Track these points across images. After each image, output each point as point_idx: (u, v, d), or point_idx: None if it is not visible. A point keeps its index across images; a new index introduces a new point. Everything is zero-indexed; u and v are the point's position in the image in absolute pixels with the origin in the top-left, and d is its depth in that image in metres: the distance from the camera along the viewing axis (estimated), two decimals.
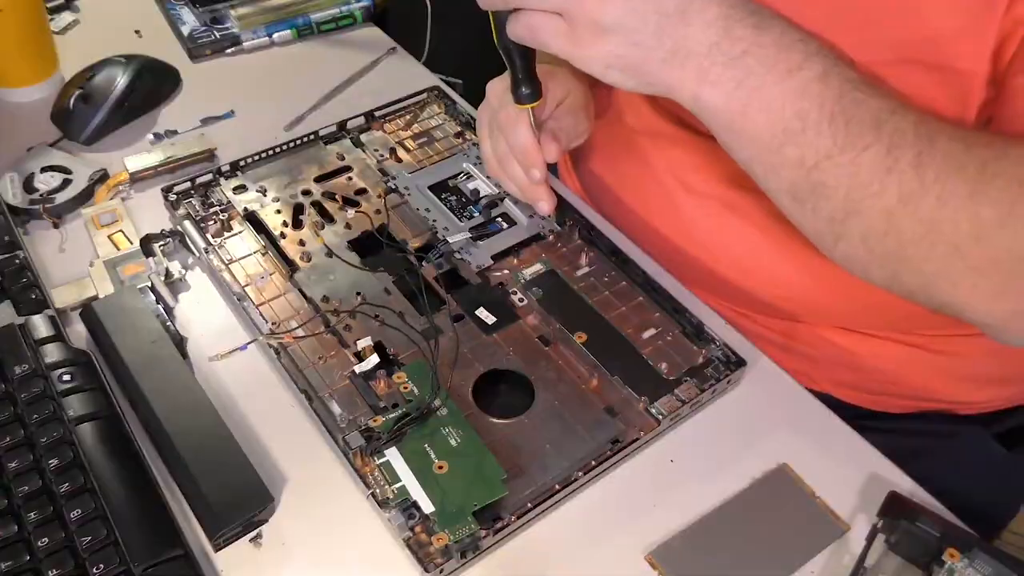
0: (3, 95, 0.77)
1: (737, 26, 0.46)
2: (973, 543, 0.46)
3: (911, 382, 0.65)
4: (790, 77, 0.45)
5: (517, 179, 0.62)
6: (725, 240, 0.64)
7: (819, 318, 0.64)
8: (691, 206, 0.64)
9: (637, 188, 0.69)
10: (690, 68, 0.47)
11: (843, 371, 0.65)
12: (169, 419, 0.52)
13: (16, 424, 0.51)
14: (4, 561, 0.45)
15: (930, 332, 0.63)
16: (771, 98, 0.45)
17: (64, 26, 0.86)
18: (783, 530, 0.50)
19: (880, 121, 0.44)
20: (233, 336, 0.59)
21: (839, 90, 0.45)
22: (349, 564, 0.48)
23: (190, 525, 0.49)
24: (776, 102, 0.45)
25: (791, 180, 0.47)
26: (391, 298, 0.60)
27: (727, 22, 0.46)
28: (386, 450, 0.51)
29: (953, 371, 0.65)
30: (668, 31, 0.46)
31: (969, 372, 0.65)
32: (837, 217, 0.47)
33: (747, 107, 0.46)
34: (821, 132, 0.45)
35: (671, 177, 0.65)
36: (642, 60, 0.47)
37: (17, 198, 0.66)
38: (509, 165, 0.62)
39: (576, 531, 0.50)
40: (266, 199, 0.67)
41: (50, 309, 0.58)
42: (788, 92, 0.45)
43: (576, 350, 0.57)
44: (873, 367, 0.65)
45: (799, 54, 0.45)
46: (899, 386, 0.66)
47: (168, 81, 0.79)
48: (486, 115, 0.63)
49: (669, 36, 0.46)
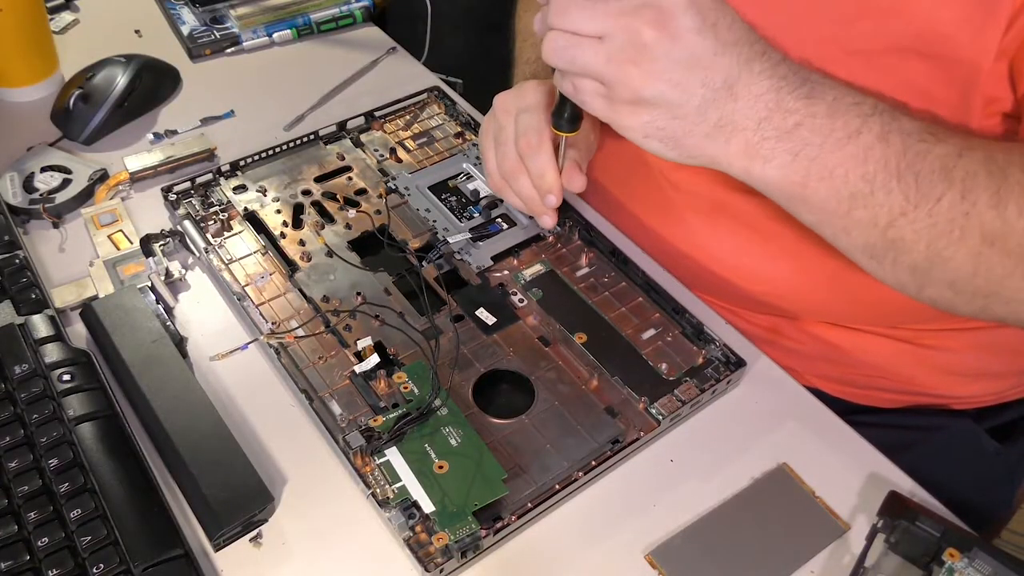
0: (3, 95, 0.77)
1: (788, 98, 0.44)
2: (973, 543, 0.46)
3: (899, 376, 0.65)
4: (849, 143, 0.44)
5: (525, 195, 0.61)
6: (713, 237, 0.63)
7: (806, 314, 0.64)
8: (679, 203, 0.64)
9: (626, 184, 0.69)
10: (737, 143, 0.45)
11: (830, 366, 0.65)
12: (169, 419, 0.52)
13: (16, 424, 0.51)
14: (4, 561, 0.45)
15: (917, 326, 0.63)
16: (832, 166, 0.44)
17: (64, 26, 0.86)
18: (783, 530, 0.50)
19: (949, 168, 0.43)
20: (233, 336, 0.59)
21: (902, 146, 0.44)
22: (349, 564, 0.48)
23: (190, 525, 0.49)
24: (838, 170, 0.44)
25: (865, 240, 0.46)
26: (391, 298, 0.60)
27: (778, 95, 0.44)
28: (386, 450, 0.51)
29: (941, 365, 0.64)
30: (714, 106, 0.45)
31: (957, 366, 0.65)
32: (920, 267, 0.46)
33: (807, 178, 0.45)
34: (891, 191, 0.44)
35: (660, 175, 0.65)
36: (685, 134, 0.46)
37: (17, 198, 0.66)
38: (517, 181, 0.60)
39: (576, 531, 0.50)
40: (266, 199, 0.67)
41: (50, 309, 0.58)
42: (849, 158, 0.44)
43: (576, 350, 0.57)
44: (861, 362, 0.65)
45: (856, 118, 0.44)
46: (888, 380, 0.66)
47: (168, 81, 0.79)
48: (491, 128, 0.62)
49: (715, 111, 0.45)
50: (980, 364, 0.65)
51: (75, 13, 0.88)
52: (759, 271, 0.62)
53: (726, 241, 0.63)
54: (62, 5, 0.88)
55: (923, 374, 0.65)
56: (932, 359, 0.64)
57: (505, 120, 0.60)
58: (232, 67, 0.83)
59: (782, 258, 0.60)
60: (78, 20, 0.87)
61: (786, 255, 0.60)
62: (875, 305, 0.59)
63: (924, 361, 0.64)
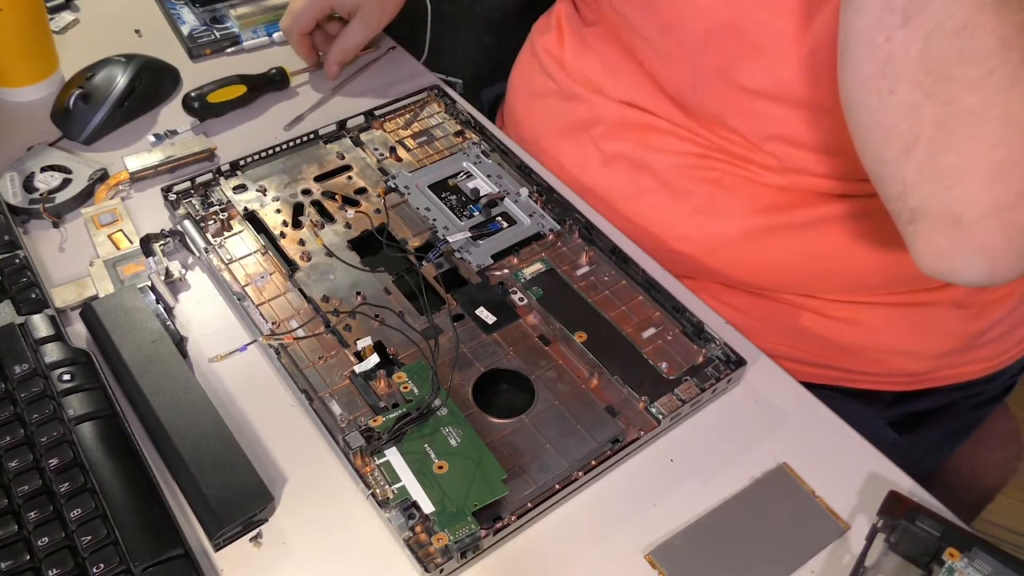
0: (3, 95, 0.77)
1: None
2: (973, 542, 0.46)
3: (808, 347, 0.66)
4: None
5: None
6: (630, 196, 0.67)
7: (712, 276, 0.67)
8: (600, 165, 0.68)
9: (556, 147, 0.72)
10: None
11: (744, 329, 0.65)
12: (169, 419, 0.52)
13: (16, 424, 0.51)
14: (4, 561, 0.45)
15: (828, 296, 0.64)
16: None
17: (64, 26, 0.86)
18: (783, 530, 0.50)
19: None
20: (233, 336, 0.59)
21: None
22: (349, 564, 0.48)
23: (190, 525, 0.49)
24: None
25: None
26: (391, 298, 0.60)
27: None
28: (386, 450, 0.51)
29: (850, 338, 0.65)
30: None
31: (866, 340, 0.66)
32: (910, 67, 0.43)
33: None
34: None
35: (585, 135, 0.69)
36: None
37: (17, 197, 0.66)
38: None
39: (576, 531, 0.50)
40: (266, 199, 0.67)
41: (50, 308, 0.58)
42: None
43: (576, 349, 0.57)
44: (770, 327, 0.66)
45: None
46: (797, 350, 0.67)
47: (168, 81, 0.79)
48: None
49: None
50: (892, 341, 0.65)
51: (75, 13, 0.88)
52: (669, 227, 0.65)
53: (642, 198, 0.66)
54: (62, 5, 0.88)
55: (831, 347, 0.66)
56: (841, 331, 0.65)
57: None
58: (232, 67, 0.83)
59: (692, 215, 0.63)
60: (78, 20, 0.87)
61: (696, 212, 0.63)
62: (787, 270, 0.60)
63: (834, 332, 0.65)
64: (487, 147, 0.73)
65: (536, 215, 0.66)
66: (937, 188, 0.45)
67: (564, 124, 0.72)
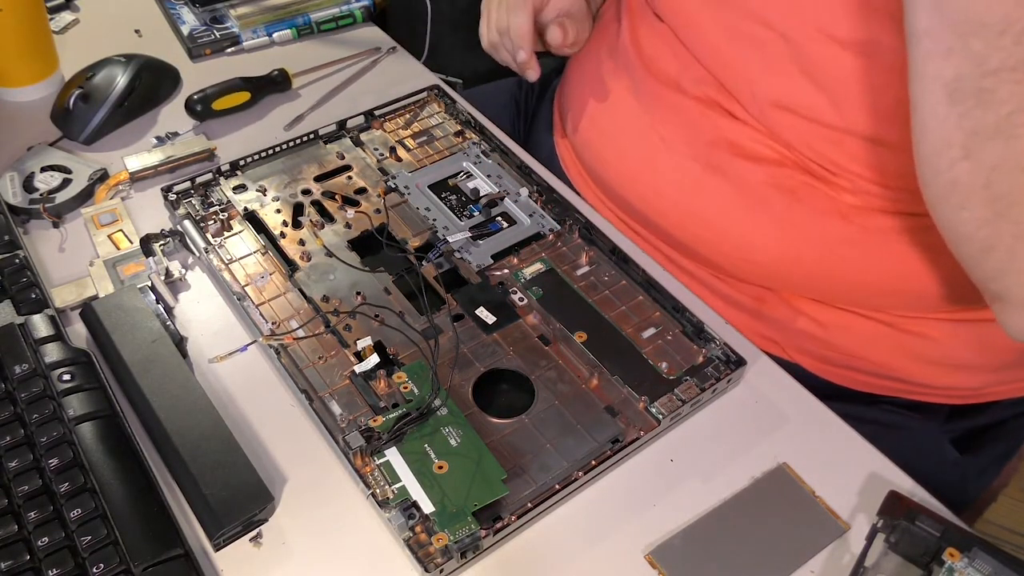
0: (3, 95, 0.77)
1: None
2: (973, 542, 0.46)
3: (875, 359, 0.65)
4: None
5: (507, 52, 0.71)
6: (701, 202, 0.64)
7: (788, 287, 0.65)
8: (670, 166, 0.65)
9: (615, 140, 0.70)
10: None
11: (810, 341, 0.66)
12: (169, 419, 0.52)
13: (16, 424, 0.51)
14: (4, 561, 0.45)
15: (898, 312, 0.63)
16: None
17: (64, 26, 0.86)
18: (783, 530, 0.50)
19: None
20: (233, 336, 0.59)
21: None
22: (349, 564, 0.48)
23: (190, 525, 0.49)
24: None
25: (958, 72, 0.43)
26: (391, 298, 0.60)
27: None
28: (386, 450, 0.51)
29: (918, 352, 0.65)
30: None
31: (934, 355, 0.65)
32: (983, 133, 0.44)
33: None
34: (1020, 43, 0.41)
35: (655, 134, 0.66)
36: None
37: (17, 197, 0.66)
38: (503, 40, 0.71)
39: (576, 531, 0.50)
40: (266, 199, 0.67)
41: (50, 308, 0.58)
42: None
43: (576, 349, 0.57)
44: (840, 340, 0.65)
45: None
46: (863, 362, 0.66)
47: (168, 81, 0.79)
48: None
49: None
50: (957, 355, 0.65)
51: (75, 13, 0.88)
52: (741, 240, 0.63)
53: (711, 207, 0.64)
54: (62, 5, 0.88)
55: (899, 360, 0.65)
56: (910, 345, 0.64)
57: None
58: (232, 67, 0.83)
59: (766, 228, 0.61)
60: (78, 20, 0.87)
61: (773, 224, 0.60)
62: (859, 287, 0.60)
63: (902, 346, 0.64)
64: (487, 147, 0.73)
65: (536, 215, 0.66)
66: (1019, 280, 0.47)
67: None
